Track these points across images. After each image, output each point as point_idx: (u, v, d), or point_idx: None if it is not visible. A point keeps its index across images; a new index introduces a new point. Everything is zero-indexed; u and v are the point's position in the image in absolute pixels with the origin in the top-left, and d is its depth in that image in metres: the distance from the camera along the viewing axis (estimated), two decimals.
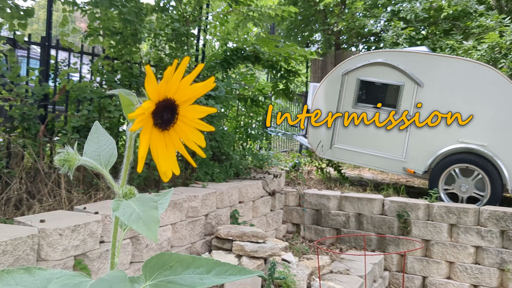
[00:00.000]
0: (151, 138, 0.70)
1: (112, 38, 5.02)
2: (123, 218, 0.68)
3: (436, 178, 6.13)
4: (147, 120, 0.69)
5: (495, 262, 5.43)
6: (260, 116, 6.98)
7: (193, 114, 0.74)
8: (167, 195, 0.87)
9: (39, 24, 7.73)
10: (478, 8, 10.62)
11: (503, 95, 5.91)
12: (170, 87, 0.69)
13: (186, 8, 6.03)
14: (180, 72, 0.69)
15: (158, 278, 0.73)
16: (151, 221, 0.67)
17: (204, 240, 4.64)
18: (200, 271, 0.74)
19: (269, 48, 6.40)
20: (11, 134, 4.26)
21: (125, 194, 0.74)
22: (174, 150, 0.74)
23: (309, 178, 7.53)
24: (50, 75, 4.87)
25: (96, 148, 0.81)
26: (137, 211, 0.69)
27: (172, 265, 0.74)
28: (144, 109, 0.67)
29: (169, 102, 0.70)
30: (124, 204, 0.70)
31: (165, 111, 0.71)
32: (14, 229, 2.86)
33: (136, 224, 0.67)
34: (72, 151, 0.76)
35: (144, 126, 0.69)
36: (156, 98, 0.69)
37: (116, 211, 0.69)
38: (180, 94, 0.71)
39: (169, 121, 0.72)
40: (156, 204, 0.71)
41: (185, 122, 0.73)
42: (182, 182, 5.33)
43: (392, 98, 6.55)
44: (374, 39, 12.94)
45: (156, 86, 0.67)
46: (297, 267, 4.48)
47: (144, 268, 0.74)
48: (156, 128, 0.71)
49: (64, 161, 0.75)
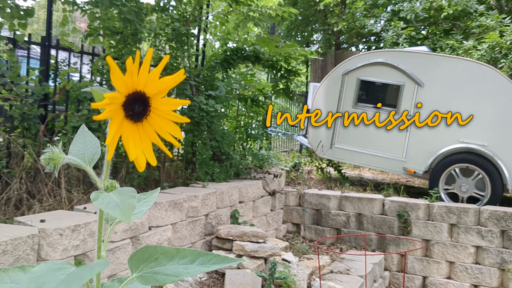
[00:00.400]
0: (122, 129, 0.73)
1: (112, 38, 5.02)
2: (102, 206, 0.71)
3: (436, 178, 6.13)
4: (117, 111, 0.71)
5: (496, 262, 5.43)
6: (260, 116, 6.98)
7: (166, 106, 0.75)
8: (154, 194, 0.91)
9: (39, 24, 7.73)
10: (478, 8, 10.62)
11: (503, 95, 5.91)
12: (139, 79, 0.71)
13: (186, 8, 6.02)
14: (146, 64, 0.70)
15: (144, 270, 0.76)
16: (127, 207, 0.70)
17: (204, 240, 4.63)
18: (185, 261, 0.77)
19: (269, 48, 6.40)
20: (11, 134, 4.25)
21: (106, 187, 0.77)
22: (150, 141, 0.76)
23: (309, 178, 7.53)
24: (50, 75, 4.87)
25: (81, 148, 0.85)
26: (115, 200, 0.72)
27: (157, 257, 0.77)
28: (110, 98, 0.69)
29: (139, 94, 0.72)
30: (103, 195, 0.74)
31: (135, 104, 0.73)
32: (14, 229, 2.86)
33: (113, 210, 0.70)
34: (57, 150, 0.78)
35: (113, 117, 0.71)
36: (124, 90, 0.71)
37: (95, 200, 0.72)
38: (150, 86, 0.73)
39: (141, 113, 0.74)
40: (134, 194, 0.75)
41: (158, 114, 0.75)
42: (182, 182, 5.33)
43: (392, 98, 6.55)
44: (374, 39, 12.94)
45: (123, 78, 0.69)
46: (297, 267, 4.48)
47: (130, 261, 0.76)
48: (128, 119, 0.73)
49: (50, 160, 0.77)
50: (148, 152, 0.76)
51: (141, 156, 0.75)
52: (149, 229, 3.89)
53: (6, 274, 0.79)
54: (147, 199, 0.89)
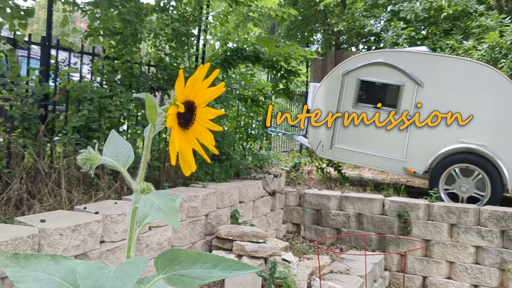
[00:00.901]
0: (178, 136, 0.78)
1: (112, 38, 5.02)
2: (145, 209, 0.74)
3: (436, 178, 6.13)
4: (175, 120, 0.77)
5: (496, 262, 5.43)
6: (260, 116, 6.98)
7: (205, 115, 0.81)
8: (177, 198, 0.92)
9: (40, 24, 7.74)
10: (478, 8, 10.62)
11: (503, 95, 5.91)
12: (192, 90, 0.77)
13: (186, 8, 6.03)
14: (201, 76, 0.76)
15: (170, 272, 0.79)
16: (170, 211, 0.73)
17: (204, 240, 4.64)
18: (207, 266, 0.80)
19: (269, 48, 6.40)
20: (11, 134, 4.26)
21: (143, 190, 0.80)
22: (191, 147, 0.81)
23: (309, 178, 7.53)
24: (51, 75, 4.87)
25: (114, 151, 0.88)
26: (157, 203, 0.75)
27: (181, 260, 0.80)
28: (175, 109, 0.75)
29: (190, 103, 0.78)
30: (144, 197, 0.76)
31: (186, 112, 0.78)
32: (14, 229, 2.87)
33: (157, 214, 0.73)
34: (93, 151, 0.82)
35: (174, 124, 0.77)
36: (182, 99, 0.76)
37: (137, 203, 0.75)
38: (198, 96, 0.78)
39: (189, 121, 0.79)
40: (173, 197, 0.77)
41: (199, 122, 0.81)
42: (183, 182, 5.33)
43: (392, 98, 6.55)
44: (374, 39, 12.94)
45: (183, 88, 0.75)
46: (297, 267, 4.48)
47: (156, 262, 0.79)
48: (180, 127, 0.78)
49: (86, 160, 0.81)
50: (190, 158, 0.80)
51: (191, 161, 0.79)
52: (149, 229, 3.89)
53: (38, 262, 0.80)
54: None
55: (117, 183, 4.35)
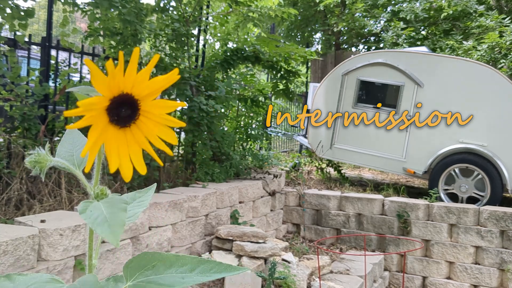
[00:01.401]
0: (105, 136, 0.66)
1: (113, 38, 5.03)
2: (89, 221, 0.65)
3: (436, 178, 6.14)
4: (99, 117, 0.65)
5: (495, 262, 5.43)
6: (260, 116, 6.98)
7: (158, 109, 0.69)
8: (148, 192, 0.84)
9: (40, 25, 7.74)
10: (478, 8, 10.62)
11: (503, 95, 5.91)
12: (125, 81, 0.65)
13: (186, 8, 6.03)
14: (133, 64, 0.64)
15: (139, 279, 0.71)
16: (116, 224, 0.64)
17: (204, 240, 4.64)
18: (183, 269, 0.72)
19: (269, 48, 6.41)
20: (11, 134, 4.26)
21: (96, 195, 0.72)
22: (139, 148, 0.70)
23: (309, 178, 7.53)
24: (51, 75, 4.87)
25: (70, 149, 0.79)
26: (104, 214, 0.66)
27: (154, 265, 0.72)
28: (86, 105, 0.62)
29: (126, 97, 0.66)
30: (93, 206, 0.68)
31: (122, 107, 0.66)
32: (14, 229, 2.87)
33: (101, 228, 0.64)
34: (43, 152, 0.73)
35: (94, 124, 0.65)
36: (108, 93, 0.64)
37: (83, 213, 0.66)
38: (139, 88, 0.66)
39: (129, 117, 0.68)
40: (125, 206, 0.68)
41: (150, 118, 0.69)
42: (182, 182, 5.34)
43: (392, 98, 6.55)
44: (374, 39, 12.94)
45: (105, 80, 0.63)
46: (297, 267, 4.49)
47: (125, 269, 0.72)
48: (113, 125, 0.67)
49: (35, 163, 0.72)
50: (137, 160, 0.69)
51: (127, 165, 0.68)
52: (149, 229, 3.89)
53: None
54: (142, 199, 0.83)
55: (117, 183, 4.36)
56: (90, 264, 0.75)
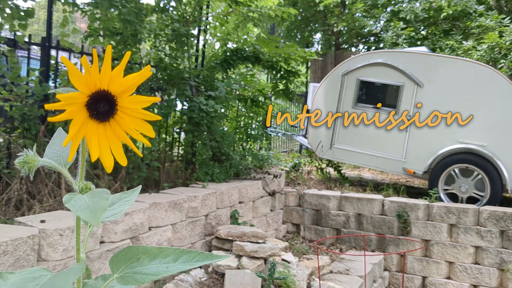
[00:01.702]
0: (86, 129, 0.71)
1: (113, 38, 5.03)
2: (73, 208, 0.69)
3: (436, 178, 6.14)
4: (79, 111, 0.70)
5: (495, 262, 5.43)
6: (260, 117, 6.99)
7: (134, 104, 0.73)
8: (134, 192, 0.90)
9: (40, 25, 7.74)
10: (477, 8, 10.62)
11: (502, 96, 5.92)
12: (101, 78, 0.69)
13: (186, 8, 6.03)
14: (107, 62, 0.68)
15: (125, 271, 0.75)
16: (97, 209, 0.69)
17: (204, 240, 4.64)
18: (167, 260, 0.76)
19: (269, 48, 6.41)
20: (11, 135, 4.26)
21: (81, 189, 0.76)
22: (119, 141, 0.75)
23: (309, 178, 7.54)
24: (51, 75, 4.87)
25: (57, 150, 0.83)
26: (87, 202, 0.71)
27: (139, 257, 0.76)
28: (65, 98, 0.67)
29: (103, 93, 0.71)
30: (77, 197, 0.72)
31: (100, 103, 0.71)
32: (14, 230, 2.87)
33: (84, 212, 0.68)
34: (31, 153, 0.77)
35: (75, 118, 0.70)
36: (85, 90, 0.69)
37: (67, 203, 0.71)
38: (114, 85, 0.71)
39: (108, 112, 0.73)
40: (107, 196, 0.73)
41: (127, 113, 0.74)
42: (182, 182, 5.34)
43: (392, 98, 6.56)
44: (374, 40, 12.95)
45: (82, 77, 0.67)
46: (297, 267, 4.49)
47: (111, 262, 0.75)
48: (93, 119, 0.72)
49: (24, 163, 0.76)
50: (118, 152, 0.74)
51: (107, 156, 0.73)
52: (149, 230, 3.90)
53: None
54: (127, 198, 0.88)
55: (117, 183, 4.36)
56: (78, 258, 0.79)
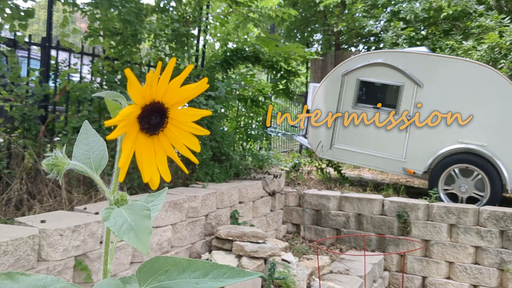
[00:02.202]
0: (136, 144, 0.67)
1: (113, 38, 5.03)
2: (114, 229, 0.64)
3: (435, 178, 6.14)
4: (131, 125, 0.65)
5: (495, 262, 5.44)
6: (260, 117, 6.99)
7: (185, 117, 0.70)
8: (161, 196, 0.83)
9: (40, 25, 7.74)
10: (477, 8, 10.62)
11: (502, 96, 5.92)
12: (157, 90, 0.65)
13: (186, 8, 6.04)
14: (167, 73, 0.65)
15: (152, 284, 0.70)
16: (143, 232, 0.64)
17: (204, 240, 4.64)
18: (197, 274, 0.71)
19: (269, 48, 6.41)
20: (11, 135, 4.26)
21: (116, 201, 0.70)
22: (165, 155, 0.70)
23: (309, 178, 7.54)
24: (51, 75, 4.88)
25: (86, 151, 0.77)
26: (129, 221, 0.65)
27: (167, 269, 0.71)
28: (125, 115, 0.63)
29: (157, 105, 0.67)
30: (115, 212, 0.67)
31: (152, 115, 0.67)
32: (14, 230, 2.87)
33: (127, 236, 0.63)
34: (61, 155, 0.71)
35: (128, 132, 0.65)
36: (141, 101, 0.65)
37: (107, 220, 0.66)
38: (169, 96, 0.67)
39: (158, 125, 0.68)
40: (148, 213, 0.68)
41: (176, 126, 0.70)
42: (182, 182, 5.34)
43: (392, 98, 6.56)
44: (374, 40, 12.95)
45: (141, 89, 0.64)
46: (297, 267, 4.49)
47: (138, 273, 0.71)
48: (143, 133, 0.67)
49: (53, 166, 0.71)
50: (163, 167, 0.70)
51: (155, 175, 0.69)
52: None
53: None
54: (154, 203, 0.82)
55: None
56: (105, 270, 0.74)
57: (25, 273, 0.71)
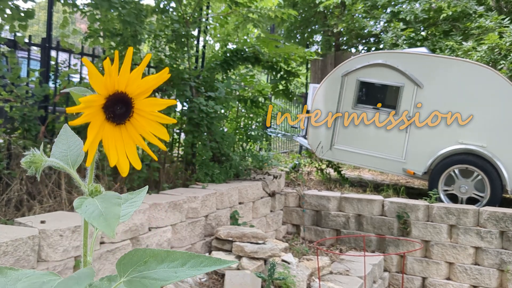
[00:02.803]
0: (103, 133, 0.70)
1: (112, 39, 5.03)
2: (85, 215, 0.67)
3: (435, 179, 6.14)
4: (96, 114, 0.68)
5: (495, 263, 5.44)
6: (260, 117, 6.99)
7: (150, 107, 0.72)
8: (141, 193, 0.87)
9: (40, 26, 7.74)
10: (477, 9, 10.62)
11: (502, 96, 5.92)
12: (120, 80, 0.68)
13: (186, 9, 6.04)
14: (127, 64, 0.67)
15: (133, 274, 0.72)
16: (111, 217, 0.67)
17: (204, 241, 4.64)
18: (175, 264, 0.74)
19: (269, 48, 6.42)
20: (11, 135, 4.27)
21: (91, 192, 0.74)
22: (133, 144, 0.73)
23: (309, 179, 7.54)
24: (51, 76, 4.88)
25: (64, 149, 0.81)
26: (100, 208, 0.68)
27: (146, 261, 0.74)
28: (86, 102, 0.66)
29: (120, 95, 0.69)
30: (87, 201, 0.70)
31: (117, 105, 0.70)
32: (14, 230, 2.87)
33: (97, 221, 0.66)
34: (39, 153, 0.74)
35: (92, 121, 0.68)
36: (104, 92, 0.68)
37: (78, 208, 0.68)
38: (132, 87, 0.70)
39: (124, 115, 0.71)
40: (119, 201, 0.71)
41: (142, 115, 0.73)
42: (182, 183, 5.34)
43: (392, 99, 6.56)
44: (373, 40, 12.95)
45: (101, 79, 0.66)
46: (297, 268, 4.49)
47: (118, 265, 0.73)
48: (109, 122, 0.70)
49: (31, 163, 0.74)
50: (132, 155, 0.73)
51: (123, 161, 0.72)
52: (149, 230, 3.90)
53: None
54: (134, 199, 0.85)
55: (116, 184, 4.36)
56: (85, 261, 0.76)
57: (13, 267, 0.74)
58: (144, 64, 0.69)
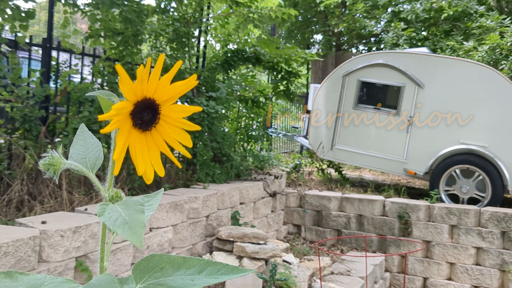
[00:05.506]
0: (130, 139, 0.69)
1: (113, 39, 5.03)
2: (109, 223, 0.66)
3: (437, 179, 6.13)
4: (124, 121, 0.68)
5: (496, 263, 5.43)
6: (260, 117, 6.98)
7: (176, 113, 0.72)
8: (157, 196, 0.85)
9: (40, 26, 7.74)
10: (478, 9, 10.62)
11: (503, 96, 5.91)
12: (148, 86, 0.68)
13: (187, 9, 6.03)
14: (157, 70, 0.67)
15: (149, 281, 0.71)
16: (136, 226, 0.66)
17: (205, 241, 4.64)
18: (192, 271, 0.73)
19: (270, 49, 6.41)
20: (12, 136, 4.26)
21: (111, 198, 0.72)
22: (158, 151, 0.72)
23: (310, 179, 7.53)
24: (51, 76, 4.88)
25: (82, 151, 0.79)
26: (123, 216, 0.67)
27: (162, 267, 0.73)
28: (118, 109, 0.65)
29: (148, 102, 0.69)
30: (110, 208, 0.69)
31: (145, 111, 0.69)
32: (15, 231, 2.87)
33: (122, 229, 0.65)
34: (57, 155, 0.73)
35: (121, 128, 0.67)
36: (133, 98, 0.67)
37: (101, 216, 0.67)
38: (160, 93, 0.69)
39: (151, 121, 0.71)
40: (142, 208, 0.70)
41: (168, 122, 0.72)
42: (183, 183, 5.34)
43: (392, 99, 6.55)
44: (374, 40, 12.94)
45: (132, 85, 0.66)
46: (298, 268, 4.48)
47: (134, 271, 0.73)
48: (136, 129, 0.70)
49: (49, 165, 0.72)
50: (157, 163, 0.72)
51: (149, 169, 0.71)
52: (150, 231, 3.89)
53: None
54: (150, 202, 0.84)
55: (117, 184, 4.36)
56: (102, 267, 0.75)
57: (24, 272, 0.72)
58: (174, 71, 0.68)
